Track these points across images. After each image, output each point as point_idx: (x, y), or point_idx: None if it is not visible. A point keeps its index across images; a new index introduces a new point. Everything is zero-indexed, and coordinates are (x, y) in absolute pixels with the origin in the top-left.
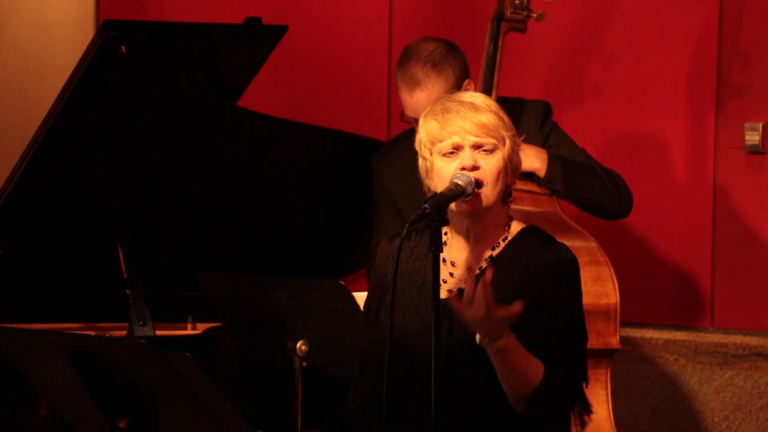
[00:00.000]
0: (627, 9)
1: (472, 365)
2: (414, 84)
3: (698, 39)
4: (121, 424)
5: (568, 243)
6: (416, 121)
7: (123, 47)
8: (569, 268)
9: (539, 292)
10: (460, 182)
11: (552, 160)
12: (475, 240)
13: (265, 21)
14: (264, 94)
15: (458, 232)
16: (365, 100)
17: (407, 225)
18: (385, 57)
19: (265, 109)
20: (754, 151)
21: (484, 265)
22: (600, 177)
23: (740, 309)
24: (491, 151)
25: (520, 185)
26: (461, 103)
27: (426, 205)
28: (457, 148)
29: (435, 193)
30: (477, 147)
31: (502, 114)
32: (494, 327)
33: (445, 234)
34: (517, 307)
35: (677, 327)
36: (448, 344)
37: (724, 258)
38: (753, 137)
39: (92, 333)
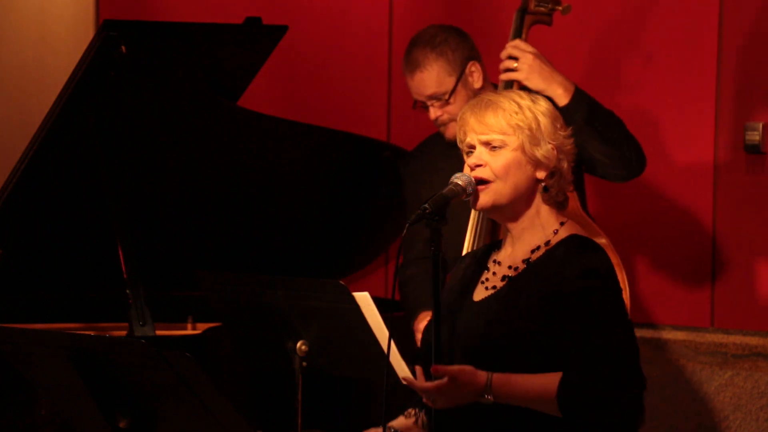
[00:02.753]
0: (627, 9)
1: (494, 363)
2: (415, 66)
3: (698, 39)
4: (121, 424)
5: None
6: (423, 104)
7: (123, 47)
8: (600, 276)
9: (569, 302)
10: (459, 182)
11: (579, 91)
12: (514, 239)
13: (265, 21)
14: (264, 94)
15: (504, 233)
16: (365, 100)
17: (407, 225)
18: (385, 57)
19: (265, 109)
20: (754, 151)
21: (520, 267)
22: (624, 126)
23: (740, 309)
24: (499, 147)
25: None
26: (479, 101)
27: (426, 205)
28: (471, 147)
29: (435, 193)
30: (486, 144)
31: (520, 110)
32: (463, 392)
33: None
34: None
35: (677, 327)
36: (473, 341)
37: (724, 258)
38: (753, 137)
39: (92, 333)
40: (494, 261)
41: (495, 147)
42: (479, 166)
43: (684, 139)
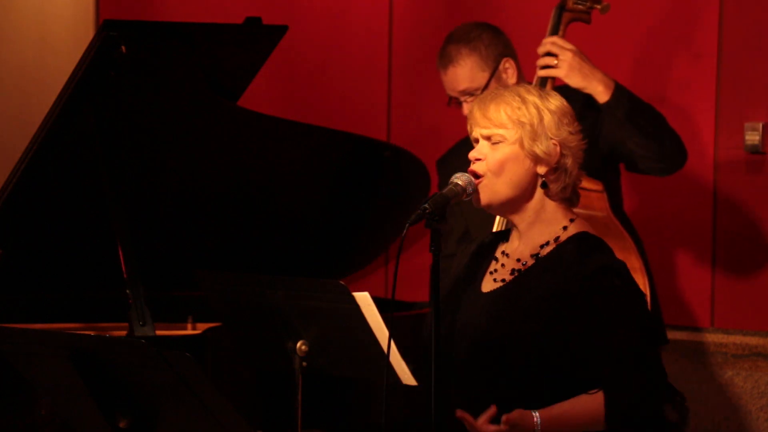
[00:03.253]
0: (627, 9)
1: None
2: (448, 61)
3: (698, 39)
4: (121, 424)
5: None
6: (457, 100)
7: (123, 47)
8: (613, 274)
9: (583, 300)
10: (459, 182)
11: (619, 87)
12: (521, 233)
13: (265, 21)
14: (264, 94)
15: (511, 226)
16: (365, 100)
17: (407, 225)
18: (385, 57)
19: (265, 109)
20: (754, 151)
21: (528, 262)
22: (665, 121)
23: (740, 309)
24: (498, 142)
25: None
26: (488, 95)
27: (426, 205)
28: (476, 141)
29: (435, 193)
30: (488, 139)
31: (528, 104)
32: None
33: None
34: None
35: (677, 327)
36: (487, 337)
37: (724, 258)
38: (753, 137)
39: (92, 333)
40: (503, 252)
41: (495, 142)
42: (479, 159)
43: (684, 139)
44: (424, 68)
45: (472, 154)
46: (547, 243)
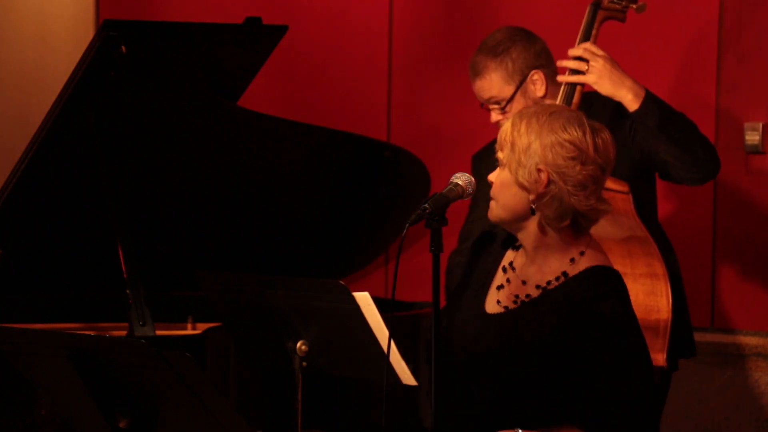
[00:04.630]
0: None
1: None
2: (475, 73)
3: (698, 39)
4: (121, 424)
5: (629, 249)
6: (486, 107)
7: (123, 47)
8: (619, 330)
9: (581, 345)
10: (459, 182)
11: (650, 95)
12: (531, 258)
13: (265, 21)
14: (264, 94)
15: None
16: (365, 100)
17: (407, 225)
18: (385, 57)
19: (265, 109)
20: (754, 151)
21: (533, 293)
22: (696, 129)
23: (740, 309)
24: (502, 165)
25: None
26: (519, 113)
27: (426, 205)
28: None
29: (435, 193)
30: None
31: (512, 129)
32: None
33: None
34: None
35: None
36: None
37: (724, 258)
38: (753, 137)
39: (92, 333)
40: (510, 264)
41: (500, 164)
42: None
43: None
44: (424, 68)
45: (489, 177)
46: (557, 278)
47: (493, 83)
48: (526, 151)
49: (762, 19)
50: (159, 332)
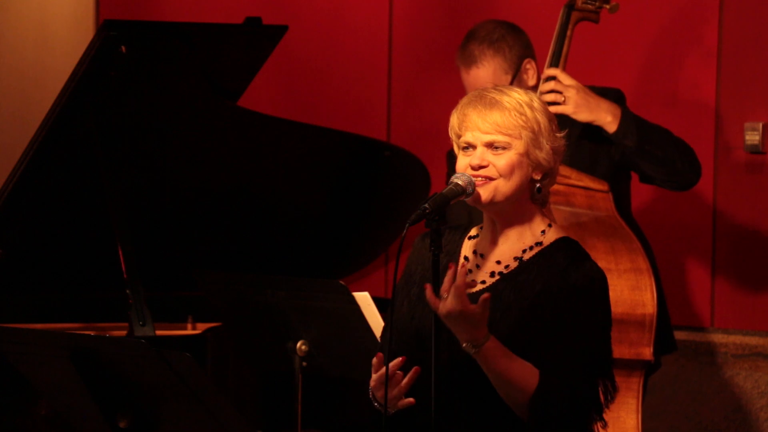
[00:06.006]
0: (628, 8)
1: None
2: (471, 62)
3: (698, 39)
4: (121, 424)
5: (612, 246)
6: None
7: (123, 47)
8: (594, 288)
9: (560, 312)
10: (459, 182)
11: (626, 114)
12: (497, 234)
13: (265, 21)
14: (264, 94)
15: (488, 226)
16: (365, 100)
17: (407, 225)
18: (385, 57)
19: (265, 109)
20: (754, 151)
21: (512, 264)
22: (673, 138)
23: (740, 309)
24: (504, 148)
25: (574, 180)
26: (482, 98)
27: (426, 205)
28: (471, 146)
29: (435, 193)
30: (489, 145)
31: (526, 110)
32: (468, 325)
33: (481, 228)
34: (485, 296)
35: (677, 327)
36: (453, 341)
37: (724, 258)
38: (753, 137)
39: (92, 333)
40: (474, 252)
41: (499, 147)
42: (483, 167)
43: (684, 138)
44: (424, 68)
45: (474, 162)
46: (531, 248)
47: (492, 72)
48: (540, 130)
49: (762, 19)
50: (159, 332)
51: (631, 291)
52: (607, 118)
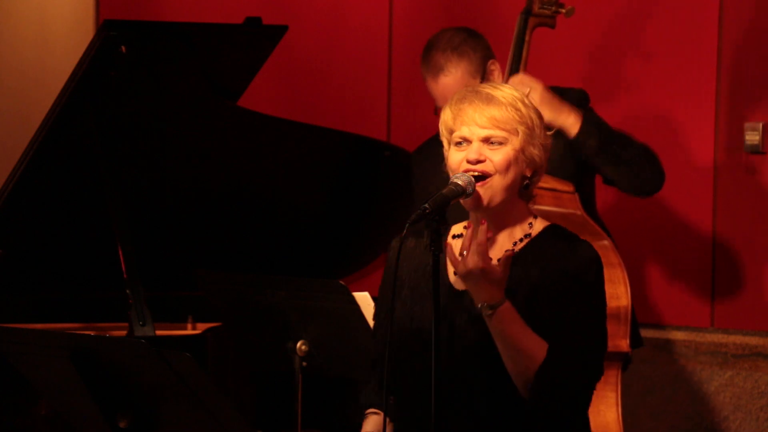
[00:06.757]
0: (627, 9)
1: (480, 361)
2: (438, 71)
3: (698, 39)
4: (121, 424)
5: None
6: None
7: (123, 47)
8: (593, 268)
9: (561, 293)
10: (459, 182)
11: (588, 117)
12: (494, 233)
13: (265, 21)
14: (264, 94)
15: (476, 224)
16: (365, 100)
17: (407, 225)
18: (385, 57)
19: (265, 109)
20: (754, 151)
21: (502, 257)
22: (635, 142)
23: (740, 309)
24: (501, 143)
25: (542, 183)
26: (477, 93)
27: (426, 205)
28: (466, 140)
29: (435, 193)
30: (486, 140)
31: (521, 106)
32: (488, 284)
33: (465, 227)
34: (507, 254)
35: (677, 327)
36: (455, 338)
37: (724, 258)
38: (753, 137)
39: (92, 333)
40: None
41: (495, 142)
42: (480, 161)
43: (684, 139)
44: None
45: (471, 156)
46: (521, 239)
47: (460, 77)
48: (533, 127)
49: (762, 19)
50: (159, 332)
51: (606, 284)
52: (569, 119)
